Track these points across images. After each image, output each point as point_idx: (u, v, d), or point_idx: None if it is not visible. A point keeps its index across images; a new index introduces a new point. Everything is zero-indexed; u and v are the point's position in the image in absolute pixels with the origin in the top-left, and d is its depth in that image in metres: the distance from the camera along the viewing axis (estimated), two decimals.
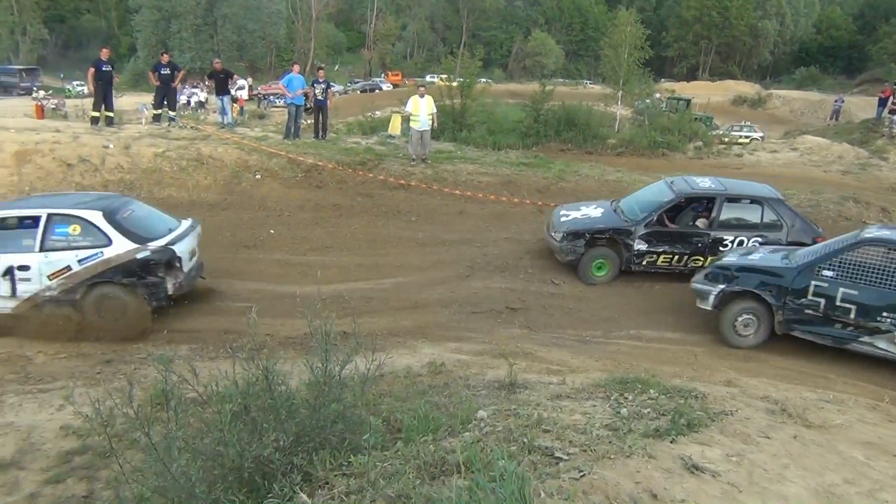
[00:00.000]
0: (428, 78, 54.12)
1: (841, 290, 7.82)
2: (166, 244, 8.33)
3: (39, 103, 20.84)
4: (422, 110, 15.76)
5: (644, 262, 10.34)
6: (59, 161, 13.33)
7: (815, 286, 7.97)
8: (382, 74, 70.93)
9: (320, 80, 17.20)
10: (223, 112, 18.13)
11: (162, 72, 17.01)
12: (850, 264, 7.84)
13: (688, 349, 8.41)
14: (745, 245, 10.04)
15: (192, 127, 17.11)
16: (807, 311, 8.02)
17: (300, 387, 4.39)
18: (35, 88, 51.51)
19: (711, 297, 8.56)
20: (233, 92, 20.51)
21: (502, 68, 78.41)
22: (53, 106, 22.58)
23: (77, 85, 47.37)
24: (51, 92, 42.57)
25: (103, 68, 15.91)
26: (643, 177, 16.13)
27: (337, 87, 41.71)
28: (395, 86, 60.57)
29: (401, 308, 9.31)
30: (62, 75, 53.55)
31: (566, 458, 3.59)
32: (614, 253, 10.35)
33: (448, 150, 17.82)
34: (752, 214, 10.25)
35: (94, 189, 13.03)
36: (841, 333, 7.90)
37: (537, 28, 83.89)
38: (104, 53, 16.24)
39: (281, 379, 4.09)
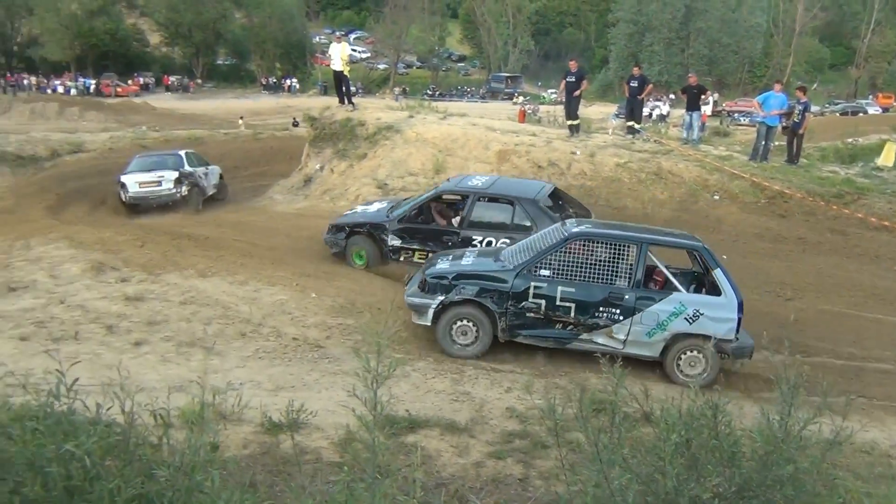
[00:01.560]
0: None
1: (560, 288, 7.67)
2: None
3: (523, 108, 23.37)
4: None
5: (401, 258, 10.47)
6: (532, 162, 14.76)
7: (535, 287, 7.71)
8: (871, 96, 62.95)
9: (801, 101, 15.93)
10: (689, 127, 18.02)
11: (632, 84, 17.61)
12: (563, 262, 7.75)
13: None
14: (493, 246, 9.67)
15: (655, 140, 17.39)
16: (529, 314, 7.73)
17: (750, 433, 4.06)
18: (515, 94, 58.26)
19: (430, 312, 7.80)
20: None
21: None
22: (530, 111, 25.16)
23: (550, 93, 52.09)
24: (528, 98, 47.45)
25: (568, 79, 17.09)
26: None
27: (813, 108, 38.37)
28: (884, 109, 53.28)
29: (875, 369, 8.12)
30: (539, 83, 59.40)
31: None
32: (372, 245, 10.54)
33: None
34: (504, 215, 9.96)
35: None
36: (562, 334, 7.72)
37: None
38: (571, 65, 17.46)
39: (727, 419, 3.83)
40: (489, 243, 9.89)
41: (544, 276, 7.73)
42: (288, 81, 64.94)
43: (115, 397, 2.88)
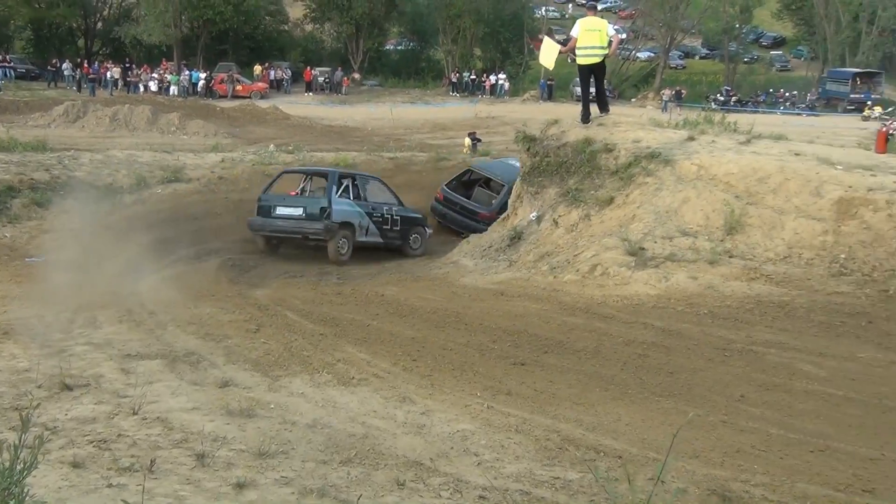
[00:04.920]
0: None
1: None
2: None
3: (885, 128, 16.16)
4: None
5: None
6: None
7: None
8: None
9: None
10: None
11: None
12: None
13: None
14: None
15: None
16: None
17: None
18: (869, 103, 41.60)
19: None
20: None
21: None
22: (893, 132, 18.28)
23: None
24: (891, 110, 33.51)
25: None
26: None
27: None
28: None
29: None
30: None
31: None
32: None
33: None
34: None
35: None
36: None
37: None
38: None
39: None
40: None
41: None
42: (492, 79, 50.17)
43: None
